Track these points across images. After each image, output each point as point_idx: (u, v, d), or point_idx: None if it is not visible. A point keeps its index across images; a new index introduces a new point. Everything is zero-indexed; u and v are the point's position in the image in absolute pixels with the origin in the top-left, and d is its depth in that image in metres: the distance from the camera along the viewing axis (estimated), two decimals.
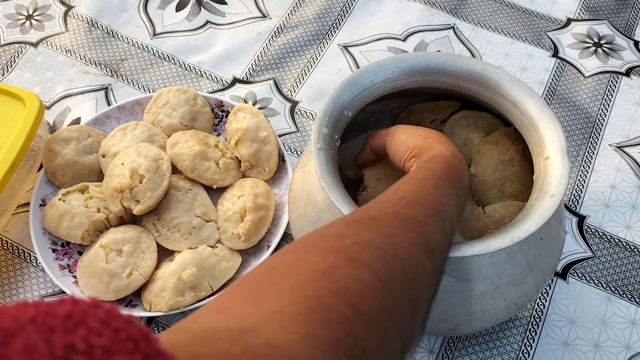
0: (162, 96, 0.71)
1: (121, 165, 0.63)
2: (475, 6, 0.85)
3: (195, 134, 0.68)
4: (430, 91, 0.58)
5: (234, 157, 0.68)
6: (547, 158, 0.48)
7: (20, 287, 0.64)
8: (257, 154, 0.67)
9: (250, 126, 0.67)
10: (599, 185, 0.70)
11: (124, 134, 0.68)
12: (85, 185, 0.65)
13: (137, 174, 0.62)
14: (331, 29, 0.83)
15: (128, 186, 0.61)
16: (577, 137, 0.73)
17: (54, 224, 0.62)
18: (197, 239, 0.62)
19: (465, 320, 0.49)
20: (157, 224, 0.63)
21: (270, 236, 0.64)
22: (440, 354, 0.60)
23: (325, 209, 0.51)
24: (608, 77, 0.78)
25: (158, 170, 0.63)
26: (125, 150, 0.65)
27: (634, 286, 0.63)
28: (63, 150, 0.67)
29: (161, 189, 0.62)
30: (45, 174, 0.67)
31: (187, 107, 0.70)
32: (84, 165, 0.67)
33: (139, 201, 0.61)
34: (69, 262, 0.63)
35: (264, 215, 0.64)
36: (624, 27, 0.83)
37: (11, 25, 0.84)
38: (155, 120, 0.70)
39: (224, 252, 0.62)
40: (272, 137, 0.68)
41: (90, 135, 0.69)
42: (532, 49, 0.81)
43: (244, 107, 0.70)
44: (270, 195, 0.65)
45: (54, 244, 0.64)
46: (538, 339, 0.60)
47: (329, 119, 0.50)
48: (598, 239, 0.66)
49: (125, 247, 0.60)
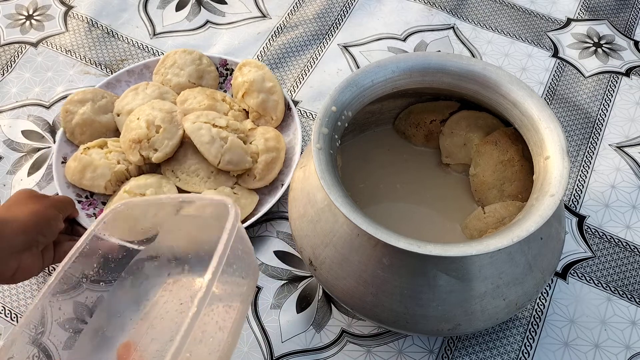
0: (169, 58, 0.75)
1: (137, 119, 0.67)
2: (475, 6, 0.85)
3: (203, 90, 0.72)
4: (430, 91, 0.58)
5: (241, 109, 0.73)
6: (547, 158, 0.48)
7: (20, 287, 0.64)
8: (264, 104, 0.71)
9: (256, 78, 0.71)
10: (599, 185, 0.70)
11: (135, 93, 0.72)
12: (104, 141, 0.69)
13: (153, 125, 0.66)
14: (331, 29, 0.83)
15: (145, 136, 0.65)
16: (577, 137, 0.73)
17: (77, 176, 0.66)
18: (216, 182, 0.67)
19: (465, 320, 0.49)
20: (176, 171, 0.67)
21: (282, 176, 0.69)
22: (440, 354, 0.60)
23: (325, 209, 0.51)
24: (608, 77, 0.78)
25: (172, 120, 0.67)
26: (139, 107, 0.69)
27: (634, 286, 0.63)
28: (80, 110, 0.70)
29: (177, 137, 0.66)
30: (64, 134, 0.71)
31: (194, 67, 0.74)
32: (100, 124, 0.71)
33: (156, 150, 0.66)
34: (95, 211, 0.67)
35: (275, 157, 0.68)
36: (624, 27, 0.83)
37: (11, 25, 0.84)
38: (164, 80, 0.75)
39: (242, 191, 0.67)
40: (278, 87, 0.72)
41: (104, 97, 0.72)
42: (532, 49, 0.81)
43: (248, 62, 0.74)
44: (280, 139, 0.70)
45: (79, 196, 0.68)
46: (538, 339, 0.60)
47: (329, 119, 0.50)
48: (598, 239, 0.66)
49: (148, 191, 0.64)
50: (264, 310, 0.62)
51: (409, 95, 0.62)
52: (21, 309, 0.63)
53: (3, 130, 0.75)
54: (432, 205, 0.61)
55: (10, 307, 0.63)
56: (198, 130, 0.65)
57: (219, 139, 0.65)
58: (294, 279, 0.64)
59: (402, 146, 0.65)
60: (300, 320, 0.61)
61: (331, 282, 0.51)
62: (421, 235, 0.56)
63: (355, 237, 0.49)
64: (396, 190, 0.62)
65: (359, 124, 0.63)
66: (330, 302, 0.62)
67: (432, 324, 0.49)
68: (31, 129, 0.75)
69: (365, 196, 0.61)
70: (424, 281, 0.47)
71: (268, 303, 0.62)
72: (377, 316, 0.50)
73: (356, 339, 0.60)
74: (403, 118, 0.64)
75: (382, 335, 0.60)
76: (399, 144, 0.65)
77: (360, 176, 0.62)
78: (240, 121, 0.71)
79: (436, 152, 0.64)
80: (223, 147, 0.65)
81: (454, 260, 0.47)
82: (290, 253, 0.65)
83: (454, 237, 0.58)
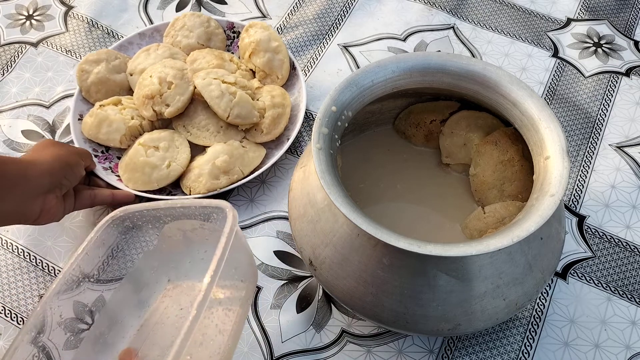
0: (179, 21, 0.79)
1: (149, 77, 0.70)
2: (475, 6, 0.85)
3: (211, 51, 0.75)
4: (430, 91, 0.58)
5: (248, 69, 0.76)
6: (547, 158, 0.48)
7: (20, 287, 0.64)
8: (270, 63, 0.74)
9: (262, 38, 0.74)
10: (599, 185, 0.70)
11: (147, 54, 0.75)
12: (118, 98, 0.72)
13: (166, 82, 0.70)
14: (331, 29, 0.83)
15: (158, 92, 0.69)
16: (577, 137, 0.73)
17: (94, 130, 0.70)
18: (226, 136, 0.70)
19: (465, 320, 0.49)
20: (187, 126, 0.70)
21: (288, 131, 0.72)
22: (440, 354, 0.60)
23: (325, 209, 0.51)
24: (608, 77, 0.78)
25: (184, 77, 0.71)
26: (151, 66, 0.73)
27: (634, 286, 0.63)
28: (94, 69, 0.74)
29: (188, 92, 0.70)
30: (80, 93, 0.74)
31: (203, 29, 0.78)
32: (115, 82, 0.74)
33: (168, 105, 0.69)
34: (110, 165, 0.70)
35: (281, 112, 0.71)
36: (624, 27, 0.83)
37: (11, 25, 0.84)
38: (174, 42, 0.78)
39: (249, 145, 0.70)
40: (283, 47, 0.75)
41: (117, 57, 0.76)
42: (532, 49, 0.81)
43: (254, 23, 0.77)
44: (285, 96, 0.73)
45: (95, 151, 0.71)
46: (538, 339, 0.60)
47: (329, 119, 0.50)
48: (598, 239, 0.66)
49: (161, 144, 0.68)
50: (264, 310, 0.62)
51: (409, 95, 0.62)
52: (21, 309, 0.63)
53: (3, 130, 0.75)
54: (432, 205, 0.61)
55: (10, 307, 0.63)
56: (208, 86, 0.68)
57: (228, 93, 0.68)
58: (294, 279, 0.64)
59: (402, 146, 0.65)
60: (300, 320, 0.61)
61: (331, 282, 0.51)
62: (421, 235, 0.56)
63: (355, 237, 0.49)
64: (396, 190, 0.62)
65: (359, 124, 0.63)
66: (330, 302, 0.62)
67: (432, 324, 0.49)
68: (31, 128, 0.75)
69: (365, 196, 0.61)
70: (424, 281, 0.47)
71: (268, 303, 0.62)
72: (377, 316, 0.50)
73: (356, 339, 0.60)
74: (403, 118, 0.64)
75: (382, 335, 0.60)
76: (399, 144, 0.65)
77: (360, 176, 0.62)
78: (247, 80, 0.73)
79: (436, 152, 0.64)
80: (232, 102, 0.68)
81: (454, 260, 0.47)
82: (290, 253, 0.65)
83: (454, 237, 0.58)
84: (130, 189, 0.67)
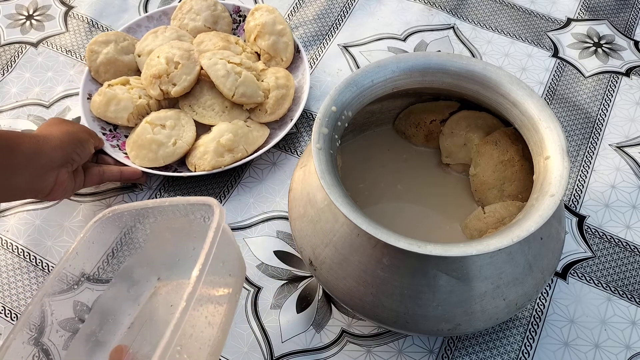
0: (186, 4, 0.80)
1: (157, 57, 0.72)
2: (475, 6, 0.85)
3: (217, 34, 0.77)
4: (430, 91, 0.58)
5: (253, 52, 0.77)
6: (547, 158, 0.48)
7: (20, 287, 0.64)
8: (275, 45, 0.76)
9: (267, 20, 0.76)
10: (599, 185, 0.70)
11: (155, 36, 0.77)
12: (126, 78, 0.74)
13: (173, 62, 0.71)
14: (331, 29, 0.83)
15: (165, 71, 0.71)
16: (577, 137, 0.73)
17: (102, 108, 0.71)
18: (230, 116, 0.72)
19: (465, 320, 0.49)
20: (193, 105, 0.72)
21: (292, 112, 0.73)
22: (440, 354, 0.60)
23: (325, 209, 0.51)
24: (608, 77, 0.78)
25: (190, 57, 0.72)
26: (159, 47, 0.74)
27: (634, 286, 0.63)
28: (104, 50, 0.76)
29: (194, 72, 0.72)
30: (89, 73, 0.76)
31: (209, 12, 0.79)
32: (123, 63, 0.76)
33: (175, 84, 0.71)
34: (118, 142, 0.72)
35: (285, 93, 0.72)
36: (624, 27, 0.83)
37: (11, 25, 0.85)
38: (182, 24, 0.80)
39: (254, 124, 0.72)
40: (287, 30, 0.77)
41: (126, 39, 0.78)
42: (532, 49, 0.81)
43: (260, 6, 0.78)
44: (289, 78, 0.74)
45: (103, 129, 0.72)
46: (538, 339, 0.60)
47: (329, 119, 0.50)
48: (598, 239, 0.66)
49: (168, 122, 0.70)
50: (264, 310, 0.62)
51: (409, 95, 0.62)
52: (21, 309, 0.63)
53: None
54: (432, 205, 0.61)
55: (11, 307, 0.63)
56: (214, 65, 0.70)
57: (234, 73, 0.70)
58: (294, 279, 0.64)
59: (402, 146, 0.65)
60: (300, 320, 0.61)
61: (331, 282, 0.51)
62: (421, 235, 0.56)
63: (355, 237, 0.49)
64: (396, 190, 0.62)
65: (359, 124, 0.63)
66: (330, 302, 0.62)
67: (432, 324, 0.49)
68: (31, 128, 0.75)
69: (365, 196, 0.61)
70: (424, 281, 0.47)
71: (268, 303, 0.62)
72: (377, 316, 0.50)
73: (356, 339, 0.60)
74: (403, 118, 0.64)
75: (382, 335, 0.60)
76: (399, 143, 0.65)
77: (360, 176, 0.62)
78: (252, 62, 0.75)
79: (436, 152, 0.64)
80: (237, 81, 0.70)
81: (454, 260, 0.47)
82: (290, 253, 0.65)
83: (454, 237, 0.58)
84: (137, 165, 0.68)
